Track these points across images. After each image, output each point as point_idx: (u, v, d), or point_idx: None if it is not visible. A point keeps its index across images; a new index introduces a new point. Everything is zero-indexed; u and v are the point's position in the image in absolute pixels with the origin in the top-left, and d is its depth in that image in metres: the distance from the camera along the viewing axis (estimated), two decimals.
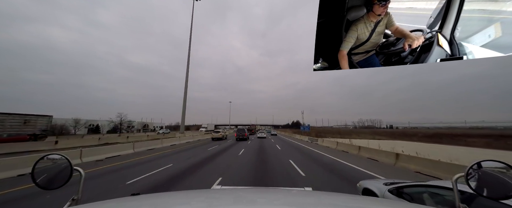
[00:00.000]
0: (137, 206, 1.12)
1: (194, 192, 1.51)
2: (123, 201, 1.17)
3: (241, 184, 6.18)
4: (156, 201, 1.21)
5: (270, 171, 7.90)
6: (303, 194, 1.47)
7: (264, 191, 1.63)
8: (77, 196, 1.10)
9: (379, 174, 7.57)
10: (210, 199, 1.29)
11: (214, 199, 1.29)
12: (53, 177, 1.12)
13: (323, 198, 1.38)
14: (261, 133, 35.51)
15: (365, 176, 7.20)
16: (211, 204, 1.18)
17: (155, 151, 14.66)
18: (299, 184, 6.11)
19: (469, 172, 1.03)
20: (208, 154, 12.98)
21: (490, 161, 1.01)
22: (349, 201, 1.28)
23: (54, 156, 1.18)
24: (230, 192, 1.53)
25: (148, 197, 1.32)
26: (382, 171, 8.21)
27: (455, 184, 1.04)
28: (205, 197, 1.33)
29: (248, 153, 13.16)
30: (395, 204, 1.20)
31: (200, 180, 6.71)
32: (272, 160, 10.36)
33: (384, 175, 7.36)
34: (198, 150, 15.07)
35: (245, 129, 29.82)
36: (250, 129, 50.93)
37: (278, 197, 1.34)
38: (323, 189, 5.76)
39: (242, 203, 1.14)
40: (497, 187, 0.94)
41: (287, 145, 20.52)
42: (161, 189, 5.70)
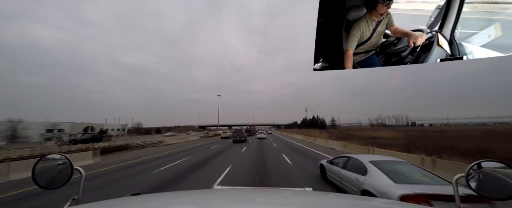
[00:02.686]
0: (137, 206, 1.12)
1: (194, 192, 1.51)
2: (123, 201, 1.17)
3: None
4: (156, 201, 1.21)
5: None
6: (302, 194, 1.47)
7: (264, 191, 1.63)
8: (77, 196, 1.11)
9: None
10: (210, 199, 1.29)
11: (214, 199, 1.29)
12: (53, 177, 1.12)
13: (322, 198, 1.38)
14: (261, 134, 34.37)
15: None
16: (211, 204, 1.18)
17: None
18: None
19: (469, 173, 1.03)
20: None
21: (490, 161, 1.01)
22: (349, 201, 1.28)
23: (55, 156, 1.19)
24: (230, 192, 1.53)
25: (148, 197, 1.32)
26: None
27: (455, 184, 1.04)
28: (205, 197, 1.33)
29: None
30: (394, 204, 1.20)
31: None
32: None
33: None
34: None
35: (242, 129, 27.50)
36: (248, 130, 48.44)
37: (278, 197, 1.34)
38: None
39: (241, 203, 1.15)
40: (497, 188, 0.94)
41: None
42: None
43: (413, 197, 2.86)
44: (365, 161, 4.33)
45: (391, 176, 3.54)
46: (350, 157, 5.11)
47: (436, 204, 2.73)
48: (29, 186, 6.73)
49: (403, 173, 3.78)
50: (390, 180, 3.46)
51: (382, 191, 3.34)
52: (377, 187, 3.53)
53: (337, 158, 5.80)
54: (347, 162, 5.05)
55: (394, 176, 3.57)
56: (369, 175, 3.91)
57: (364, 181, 3.90)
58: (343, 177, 4.89)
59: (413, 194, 2.90)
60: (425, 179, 3.54)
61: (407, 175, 3.74)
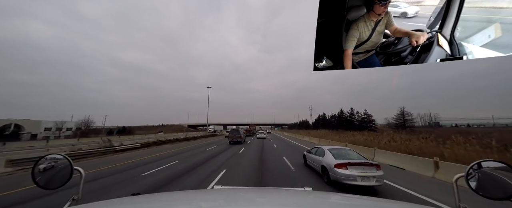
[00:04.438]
0: (137, 206, 1.12)
1: (194, 192, 1.51)
2: (123, 201, 1.17)
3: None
4: (156, 201, 1.22)
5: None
6: (302, 194, 1.47)
7: (264, 191, 1.63)
8: (77, 196, 1.11)
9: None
10: (210, 199, 1.29)
11: (213, 199, 1.29)
12: (53, 176, 1.12)
13: (322, 198, 1.38)
14: (261, 134, 33.99)
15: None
16: (211, 204, 1.18)
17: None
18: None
19: (469, 172, 1.03)
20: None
21: (490, 161, 1.01)
22: (349, 201, 1.28)
23: (55, 156, 1.19)
24: (229, 192, 1.53)
25: (148, 197, 1.33)
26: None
27: (455, 184, 1.04)
28: (205, 197, 1.33)
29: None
30: (394, 203, 1.20)
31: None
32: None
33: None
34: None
35: (239, 130, 24.70)
36: (248, 130, 45.58)
37: (278, 197, 1.34)
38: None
39: (241, 203, 1.15)
40: (497, 188, 0.94)
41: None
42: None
43: (340, 164, 5.64)
44: (325, 148, 7.19)
45: (335, 156, 6.35)
46: (319, 147, 7.97)
47: (349, 167, 5.52)
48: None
49: (342, 155, 6.48)
50: (333, 157, 6.27)
51: (328, 163, 6.14)
52: (327, 162, 6.30)
53: (313, 149, 8.63)
54: (317, 151, 7.89)
55: (336, 156, 6.37)
56: (325, 157, 6.70)
57: (322, 160, 6.72)
58: (313, 160, 7.75)
59: (340, 162, 5.72)
60: (353, 157, 6.35)
61: (344, 155, 6.44)
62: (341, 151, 6.81)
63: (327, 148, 7.09)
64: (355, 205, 1.19)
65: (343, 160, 5.85)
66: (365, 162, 5.65)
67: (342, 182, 5.41)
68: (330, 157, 6.35)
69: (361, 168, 5.46)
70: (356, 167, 5.47)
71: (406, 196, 5.32)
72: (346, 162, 5.63)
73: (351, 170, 5.41)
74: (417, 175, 7.58)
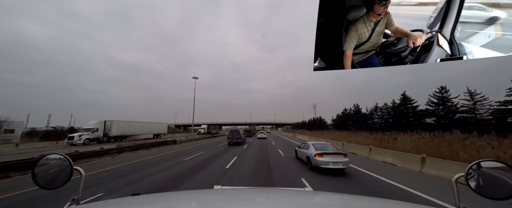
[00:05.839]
0: (137, 206, 1.12)
1: (194, 192, 1.51)
2: (123, 201, 1.17)
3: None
4: (156, 201, 1.22)
5: None
6: (302, 194, 1.47)
7: (264, 191, 1.63)
8: (77, 196, 1.10)
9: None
10: (211, 199, 1.29)
11: (214, 199, 1.29)
12: (53, 176, 1.12)
13: (322, 198, 1.38)
14: (261, 134, 34.06)
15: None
16: (211, 204, 1.19)
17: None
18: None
19: (469, 172, 1.03)
20: None
21: (490, 161, 1.01)
22: (349, 201, 1.28)
23: (55, 156, 1.19)
24: (230, 192, 1.53)
25: (148, 197, 1.33)
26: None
27: (455, 184, 1.04)
28: (205, 197, 1.33)
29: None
30: (395, 204, 1.20)
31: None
32: None
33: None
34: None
35: (239, 130, 23.77)
36: (248, 130, 44.59)
37: (278, 197, 1.34)
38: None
39: (242, 203, 1.15)
40: (496, 187, 0.94)
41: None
42: None
43: (318, 154, 7.73)
44: (310, 143, 9.25)
45: (316, 148, 8.32)
46: (306, 142, 10.03)
47: (325, 156, 7.60)
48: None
49: (323, 148, 8.41)
50: (314, 150, 8.21)
51: (311, 154, 8.19)
52: (310, 153, 8.33)
53: (302, 144, 10.72)
54: (304, 145, 9.84)
55: (317, 148, 8.32)
56: (309, 149, 8.65)
57: (307, 152, 8.78)
58: (302, 153, 9.85)
59: (318, 152, 7.79)
60: (329, 149, 8.19)
61: (324, 148, 8.39)
62: (322, 145, 8.83)
63: (311, 143, 9.22)
64: (355, 205, 1.19)
65: (320, 151, 7.97)
66: (335, 152, 7.84)
67: (319, 166, 7.57)
68: (312, 149, 8.41)
69: (332, 156, 7.60)
70: (329, 155, 7.64)
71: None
72: (322, 152, 7.83)
73: (326, 158, 7.57)
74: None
